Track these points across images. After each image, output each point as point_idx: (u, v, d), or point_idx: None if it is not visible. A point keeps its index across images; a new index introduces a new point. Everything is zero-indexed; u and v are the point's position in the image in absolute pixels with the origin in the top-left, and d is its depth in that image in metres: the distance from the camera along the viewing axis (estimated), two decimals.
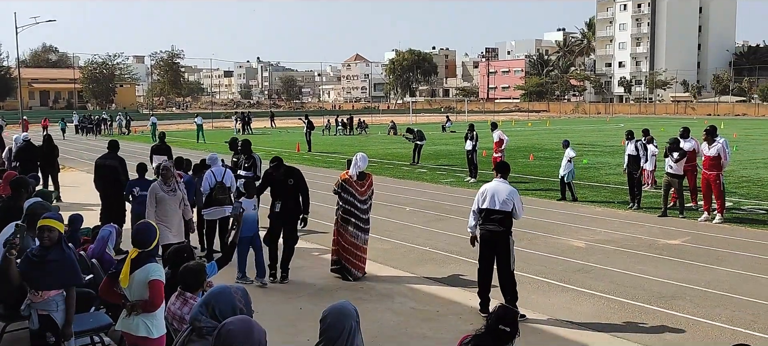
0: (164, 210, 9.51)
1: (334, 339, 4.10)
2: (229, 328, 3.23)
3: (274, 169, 10.33)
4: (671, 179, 15.41)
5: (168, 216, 9.49)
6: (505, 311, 4.49)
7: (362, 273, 10.28)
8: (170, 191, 9.55)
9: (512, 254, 8.52)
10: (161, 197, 9.51)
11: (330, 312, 4.18)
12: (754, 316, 8.58)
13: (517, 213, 8.50)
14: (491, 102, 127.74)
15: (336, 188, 10.29)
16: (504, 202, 8.40)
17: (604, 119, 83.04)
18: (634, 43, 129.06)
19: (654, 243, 12.83)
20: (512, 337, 4.38)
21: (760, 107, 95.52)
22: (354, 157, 10.30)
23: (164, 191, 9.53)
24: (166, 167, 9.74)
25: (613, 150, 32.99)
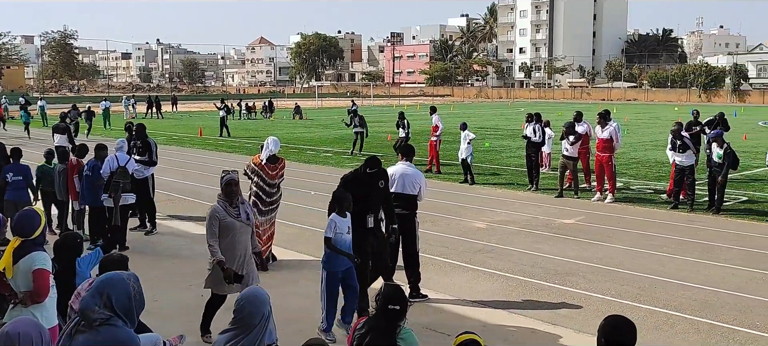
0: (232, 242, 6.79)
1: (251, 326, 4.05)
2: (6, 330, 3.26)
3: (368, 171, 7.84)
4: (567, 161, 16.05)
5: (237, 251, 6.83)
6: (392, 290, 4.50)
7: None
8: (239, 216, 6.86)
9: (417, 235, 8.66)
10: (230, 224, 6.78)
11: (245, 299, 4.12)
12: (640, 289, 9.08)
13: (421, 196, 8.65)
14: (397, 87, 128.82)
15: (247, 170, 10.11)
16: (410, 185, 8.51)
17: (506, 104, 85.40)
18: (534, 29, 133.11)
19: (551, 223, 13.34)
20: (402, 315, 4.43)
21: (649, 93, 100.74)
22: (266, 141, 10.15)
23: (233, 216, 6.83)
24: (232, 180, 6.87)
25: (514, 133, 33.97)
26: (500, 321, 7.95)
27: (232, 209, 6.81)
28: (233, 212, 6.79)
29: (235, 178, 6.87)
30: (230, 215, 6.77)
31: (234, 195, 6.84)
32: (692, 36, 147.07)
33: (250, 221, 6.95)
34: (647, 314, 8.13)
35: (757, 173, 19.77)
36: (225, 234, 6.72)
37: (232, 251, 6.78)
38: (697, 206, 14.48)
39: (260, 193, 9.95)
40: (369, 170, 7.77)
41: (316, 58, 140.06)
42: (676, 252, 11.01)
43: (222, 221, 6.73)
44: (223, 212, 6.76)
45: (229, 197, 6.82)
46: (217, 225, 6.71)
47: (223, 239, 6.71)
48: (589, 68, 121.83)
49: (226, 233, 6.73)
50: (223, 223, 6.71)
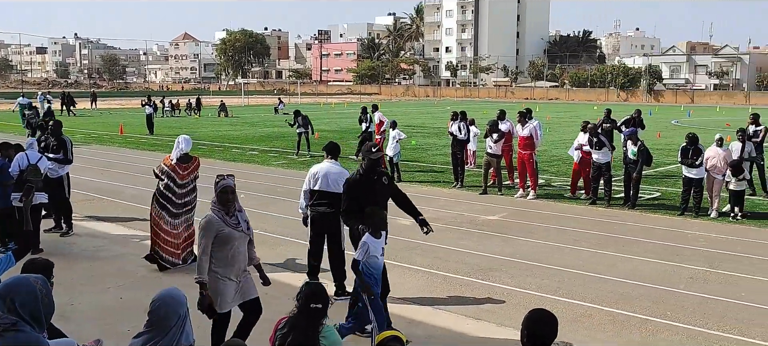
0: (232, 254, 6.15)
1: (167, 328, 3.95)
2: None
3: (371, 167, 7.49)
4: (491, 158, 16.36)
5: (237, 263, 6.20)
6: (313, 288, 4.48)
7: (179, 260, 9.84)
8: (238, 226, 6.24)
9: (342, 233, 8.64)
10: (229, 234, 6.13)
11: (161, 300, 4.02)
12: (559, 283, 9.35)
13: None
14: (324, 84, 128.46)
15: (156, 171, 9.84)
16: (335, 182, 8.48)
17: (432, 102, 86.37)
18: (459, 29, 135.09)
19: (475, 219, 13.57)
20: (324, 313, 4.41)
21: (570, 92, 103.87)
22: (177, 140, 9.90)
23: (231, 225, 6.18)
24: (228, 187, 6.25)
25: (440, 131, 34.38)
26: (425, 318, 8.03)
27: (230, 217, 6.17)
28: (231, 221, 6.15)
29: (231, 184, 6.22)
30: (228, 224, 6.12)
31: (230, 203, 6.17)
32: (610, 38, 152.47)
33: (250, 230, 6.37)
34: (567, 306, 8.37)
35: (670, 169, 20.65)
36: (224, 246, 6.09)
37: (233, 264, 6.12)
38: (614, 201, 15.02)
39: (170, 195, 9.68)
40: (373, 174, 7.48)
41: (243, 55, 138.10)
42: (594, 246, 11.39)
43: (220, 231, 6.04)
44: (221, 221, 6.08)
45: (224, 206, 6.14)
46: (212, 237, 6.02)
47: (221, 250, 6.08)
48: (513, 68, 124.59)
49: (224, 244, 6.09)
50: (221, 233, 6.05)
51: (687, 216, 13.85)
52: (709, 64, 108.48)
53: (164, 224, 9.68)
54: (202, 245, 6.04)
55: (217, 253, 6.07)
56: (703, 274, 9.83)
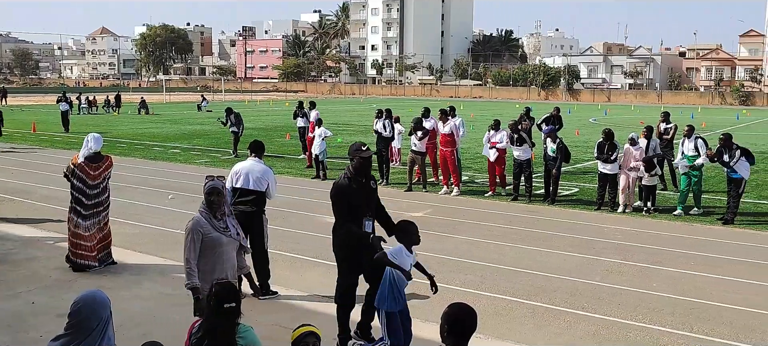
0: (221, 262, 5.81)
1: (88, 331, 3.80)
2: None
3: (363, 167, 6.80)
4: (415, 155, 16.50)
5: (224, 272, 5.78)
6: (224, 288, 4.37)
7: (94, 262, 9.48)
8: (226, 230, 5.89)
9: (265, 232, 8.54)
10: (216, 239, 5.79)
11: (83, 302, 3.86)
12: (482, 278, 9.52)
13: (270, 193, 8.53)
14: (249, 81, 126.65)
15: (66, 172, 9.45)
16: (257, 181, 8.37)
17: (358, 100, 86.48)
18: (385, 27, 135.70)
19: (400, 216, 13.62)
20: (238, 312, 4.33)
21: (493, 91, 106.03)
22: (86, 138, 9.52)
23: (219, 229, 5.85)
24: (214, 189, 5.86)
25: (366, 129, 34.44)
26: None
27: (217, 221, 5.80)
28: (219, 225, 5.79)
29: (218, 186, 5.83)
30: (216, 228, 5.75)
31: (217, 206, 5.80)
32: (532, 38, 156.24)
33: (240, 236, 6.01)
34: (488, 300, 8.53)
35: (588, 166, 21.33)
36: (210, 251, 5.72)
37: (220, 271, 5.70)
38: (535, 197, 15.41)
39: (80, 196, 9.31)
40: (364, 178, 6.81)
41: (164, 51, 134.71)
42: (516, 241, 11.66)
43: (206, 235, 5.67)
44: (208, 224, 5.72)
45: (212, 209, 5.79)
46: (199, 240, 5.65)
47: (207, 257, 5.70)
48: (438, 66, 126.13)
49: (211, 249, 5.72)
50: (207, 238, 5.67)
51: (603, 211, 14.35)
52: (625, 64, 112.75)
53: (75, 226, 9.34)
54: (187, 249, 5.66)
55: (204, 260, 5.67)
56: (618, 266, 10.21)
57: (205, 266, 5.68)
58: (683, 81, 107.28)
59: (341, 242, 6.86)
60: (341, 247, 6.90)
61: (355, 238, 6.68)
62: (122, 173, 10.93)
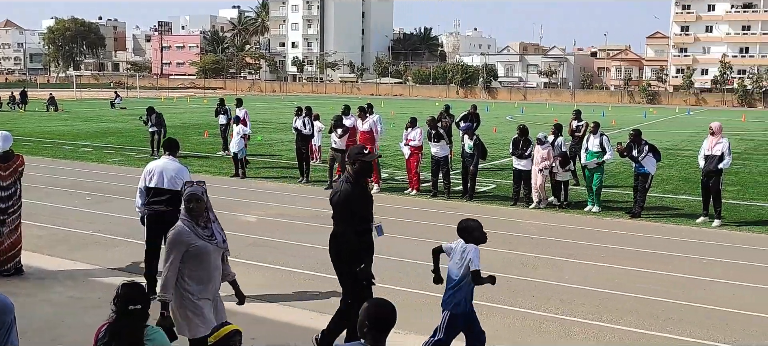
0: (209, 272, 5.48)
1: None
2: None
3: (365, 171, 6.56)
4: (335, 153, 16.49)
5: (214, 281, 5.55)
6: (130, 289, 4.25)
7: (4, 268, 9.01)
8: (212, 238, 5.51)
9: None
10: (202, 248, 5.41)
11: None
12: (401, 274, 9.63)
13: None
14: (166, 78, 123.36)
15: None
16: (172, 180, 8.17)
17: (278, 97, 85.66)
18: (305, 24, 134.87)
19: (320, 214, 13.59)
20: (145, 314, 4.22)
21: (413, 89, 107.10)
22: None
23: (204, 238, 5.45)
24: (192, 195, 5.46)
25: (286, 127, 34.17)
26: (271, 314, 7.97)
27: (202, 229, 5.43)
28: (204, 234, 5.41)
29: (197, 193, 5.42)
30: (201, 236, 5.38)
31: (198, 214, 5.41)
32: (451, 37, 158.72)
33: (225, 243, 5.68)
34: (407, 296, 8.64)
35: (504, 162, 21.85)
36: (197, 262, 5.36)
37: (210, 281, 5.43)
38: (453, 194, 15.67)
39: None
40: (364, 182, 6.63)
41: (74, 46, 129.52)
42: (434, 237, 11.77)
43: (190, 245, 5.31)
44: (192, 234, 5.35)
45: (193, 216, 5.40)
46: (182, 252, 5.29)
47: (196, 267, 5.36)
48: (358, 64, 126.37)
49: (198, 260, 5.36)
50: (192, 248, 5.32)
51: (519, 206, 14.74)
52: (540, 63, 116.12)
53: None
54: (168, 260, 5.30)
55: (191, 271, 5.35)
56: (532, 260, 10.52)
57: (194, 278, 5.36)
58: (595, 80, 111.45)
59: (344, 250, 6.57)
60: (344, 256, 6.60)
61: (358, 245, 6.52)
62: (29, 172, 10.48)
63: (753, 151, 28.27)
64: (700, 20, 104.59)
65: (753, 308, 8.43)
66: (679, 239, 12.18)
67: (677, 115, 61.28)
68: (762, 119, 55.17)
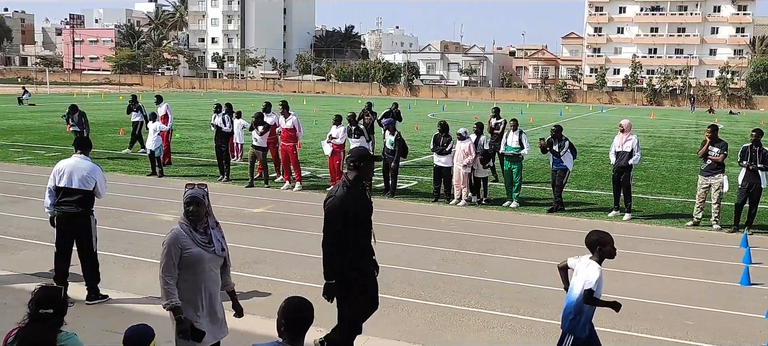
0: (201, 280, 5.13)
1: None
2: None
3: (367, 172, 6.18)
4: (256, 150, 16.28)
5: (207, 291, 5.19)
6: (44, 292, 4.09)
7: None
8: (208, 245, 5.17)
9: (94, 234, 8.06)
10: (197, 255, 5.07)
11: None
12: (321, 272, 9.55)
13: (99, 191, 8.04)
14: (78, 73, 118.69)
15: None
16: (83, 179, 7.87)
17: (198, 94, 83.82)
18: (226, 20, 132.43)
19: (241, 212, 13.43)
20: (59, 319, 4.07)
21: (336, 86, 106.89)
22: None
23: (201, 244, 5.12)
24: (193, 198, 5.09)
25: (206, 124, 33.46)
26: None
27: (200, 234, 5.10)
28: (201, 239, 5.09)
29: (198, 196, 5.07)
30: (197, 242, 5.06)
31: (197, 218, 5.07)
32: (373, 34, 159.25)
33: (225, 252, 5.33)
34: None
35: (426, 159, 22.10)
36: (189, 269, 5.02)
37: (198, 291, 5.09)
38: (375, 191, 15.73)
39: None
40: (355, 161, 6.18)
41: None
42: None
43: (185, 250, 4.99)
44: (188, 238, 5.02)
45: (191, 220, 5.07)
46: (177, 256, 4.97)
47: (187, 275, 5.02)
48: (281, 61, 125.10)
49: (190, 267, 5.02)
50: (186, 253, 4.99)
51: (440, 202, 14.93)
52: (460, 62, 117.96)
53: None
54: (164, 265, 4.96)
55: (181, 279, 4.99)
56: (452, 255, 10.68)
57: (185, 285, 5.01)
58: (513, 79, 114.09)
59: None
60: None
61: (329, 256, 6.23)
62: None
63: (661, 147, 29.62)
64: (612, 22, 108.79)
65: (659, 298, 8.83)
66: None
67: (591, 112, 63.49)
68: (669, 117, 57.86)
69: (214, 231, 5.23)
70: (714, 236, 12.54)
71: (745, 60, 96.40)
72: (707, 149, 13.12)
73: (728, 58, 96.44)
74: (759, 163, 12.60)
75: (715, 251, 11.46)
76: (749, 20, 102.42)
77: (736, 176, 13.18)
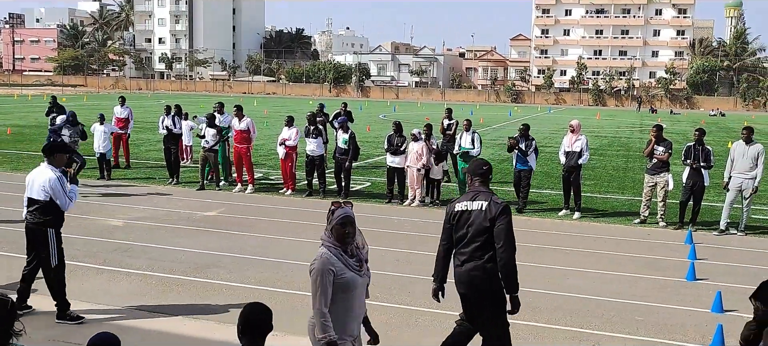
0: (352, 307, 4.67)
1: None
2: None
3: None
4: (207, 153, 16.04)
5: (358, 319, 4.78)
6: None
7: None
8: (360, 269, 4.70)
9: (52, 247, 7.56)
10: (350, 280, 4.59)
11: None
12: (278, 274, 9.49)
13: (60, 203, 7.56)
14: (19, 74, 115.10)
15: None
16: (40, 189, 7.48)
17: (145, 95, 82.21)
18: (173, 20, 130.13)
19: (192, 216, 13.21)
20: (6, 334, 3.92)
21: (287, 87, 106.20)
22: None
23: (353, 268, 4.64)
24: (347, 218, 4.66)
25: (154, 126, 32.85)
26: (140, 323, 7.60)
27: (350, 257, 4.65)
28: (353, 263, 4.63)
29: (351, 216, 4.65)
30: (350, 266, 4.60)
31: (350, 239, 4.65)
32: (323, 35, 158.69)
33: (369, 274, 4.85)
34: (285, 297, 8.53)
35: (378, 160, 22.13)
36: (342, 295, 4.56)
37: (350, 318, 4.65)
38: (329, 192, 15.67)
39: None
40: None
41: None
42: (311, 237, 11.70)
43: (339, 276, 4.52)
44: (339, 262, 4.56)
45: (343, 242, 4.63)
46: (331, 283, 4.49)
47: (337, 302, 4.54)
48: (230, 62, 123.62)
49: (344, 293, 4.56)
50: (340, 279, 4.53)
51: (393, 203, 14.96)
52: (411, 63, 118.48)
53: None
54: (318, 295, 4.48)
55: (334, 305, 4.54)
56: (406, 256, 10.70)
57: (335, 313, 4.54)
58: (463, 80, 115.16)
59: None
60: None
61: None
62: None
63: (607, 147, 30.30)
64: (558, 24, 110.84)
65: (609, 295, 9.02)
66: (542, 231, 12.81)
67: (539, 113, 64.56)
68: (614, 117, 59.25)
69: (361, 251, 4.79)
70: (660, 233, 12.88)
71: (685, 62, 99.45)
72: (653, 148, 13.46)
73: (669, 59, 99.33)
74: (702, 162, 12.99)
75: (662, 247, 11.77)
76: (689, 23, 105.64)
77: (680, 175, 13.57)
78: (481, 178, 5.98)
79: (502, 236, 5.63)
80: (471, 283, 5.83)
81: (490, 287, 5.77)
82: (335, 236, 4.64)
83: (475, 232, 5.74)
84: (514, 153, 14.67)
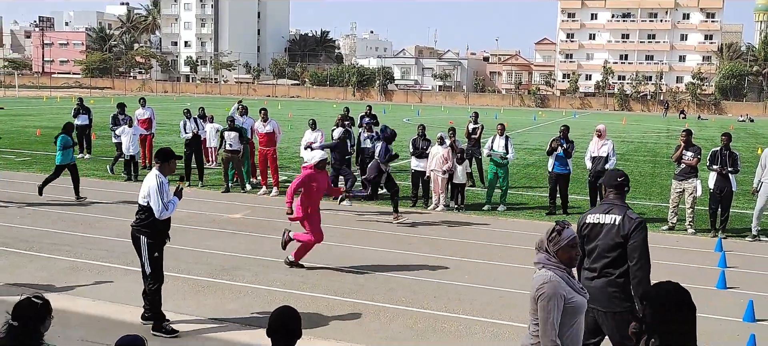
0: (578, 330, 4.44)
1: None
2: None
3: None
4: (231, 155, 16.12)
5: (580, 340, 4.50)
6: (17, 305, 3.98)
7: None
8: (583, 290, 4.53)
9: (144, 254, 7.56)
10: (578, 304, 4.34)
11: None
12: (303, 277, 9.49)
13: (154, 208, 7.59)
14: (48, 77, 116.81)
15: None
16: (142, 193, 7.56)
17: (171, 98, 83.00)
18: (199, 23, 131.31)
19: (218, 218, 13.27)
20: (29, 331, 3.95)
21: (311, 90, 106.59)
22: None
23: (579, 291, 4.44)
24: (575, 240, 4.47)
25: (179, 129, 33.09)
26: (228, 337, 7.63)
27: (575, 280, 4.43)
28: (578, 286, 4.42)
29: (575, 234, 4.47)
30: (577, 290, 4.35)
31: (575, 262, 4.44)
32: (347, 39, 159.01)
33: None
34: (311, 300, 8.51)
35: (402, 164, 22.07)
36: (570, 320, 4.28)
37: (576, 344, 4.38)
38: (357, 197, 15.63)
39: None
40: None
41: None
42: (336, 240, 11.73)
43: (568, 301, 4.24)
44: (567, 285, 4.29)
45: (570, 264, 4.39)
46: (561, 308, 4.21)
47: (566, 326, 4.26)
48: (254, 65, 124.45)
49: (570, 318, 4.28)
50: (569, 304, 4.24)
51: (418, 207, 14.91)
52: (435, 67, 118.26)
53: None
54: (549, 322, 4.17)
55: (563, 330, 4.27)
56: (433, 260, 10.63)
57: (566, 338, 4.28)
58: (487, 84, 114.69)
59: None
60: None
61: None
62: None
63: (634, 152, 29.95)
64: (584, 28, 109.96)
65: None
66: None
67: (564, 117, 64.04)
68: (640, 122, 58.61)
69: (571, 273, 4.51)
70: (689, 240, 12.68)
71: (713, 66, 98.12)
72: (681, 153, 13.27)
73: (697, 64, 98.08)
74: (729, 166, 12.78)
75: (691, 255, 11.58)
76: (717, 28, 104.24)
77: (706, 181, 13.35)
78: (616, 190, 5.78)
79: (637, 252, 5.42)
80: (605, 300, 5.48)
81: (625, 305, 5.47)
82: (561, 257, 4.36)
83: (606, 247, 5.51)
84: (553, 156, 14.50)
